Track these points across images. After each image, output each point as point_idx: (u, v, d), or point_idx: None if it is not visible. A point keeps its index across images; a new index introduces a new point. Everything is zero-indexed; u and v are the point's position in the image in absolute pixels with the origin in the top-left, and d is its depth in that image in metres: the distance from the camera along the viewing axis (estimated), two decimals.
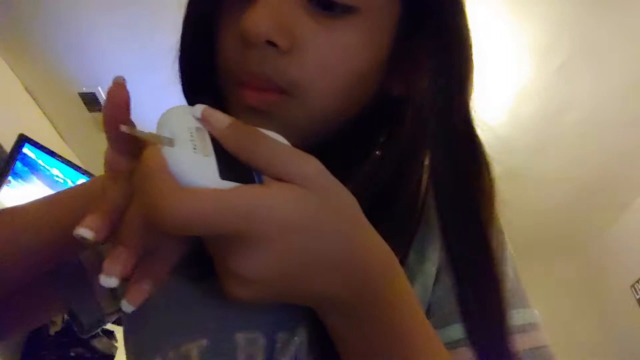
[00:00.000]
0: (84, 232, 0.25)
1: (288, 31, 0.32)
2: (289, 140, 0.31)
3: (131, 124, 0.29)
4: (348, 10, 0.34)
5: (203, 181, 0.24)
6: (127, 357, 0.43)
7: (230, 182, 0.25)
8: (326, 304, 0.28)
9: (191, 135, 0.26)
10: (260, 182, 0.26)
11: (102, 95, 1.96)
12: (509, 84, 1.87)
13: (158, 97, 2.14)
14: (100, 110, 2.03)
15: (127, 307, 0.26)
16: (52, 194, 0.41)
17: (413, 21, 0.37)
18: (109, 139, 0.30)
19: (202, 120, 0.27)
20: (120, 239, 0.25)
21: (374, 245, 0.29)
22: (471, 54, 0.38)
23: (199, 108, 0.27)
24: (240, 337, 0.36)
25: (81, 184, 0.41)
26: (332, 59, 0.34)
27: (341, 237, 0.26)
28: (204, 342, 0.36)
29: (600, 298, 2.86)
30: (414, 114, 0.38)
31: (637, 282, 2.56)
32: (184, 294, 0.38)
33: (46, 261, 0.39)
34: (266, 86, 0.34)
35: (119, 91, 0.29)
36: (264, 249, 0.24)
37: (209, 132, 0.27)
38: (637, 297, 2.57)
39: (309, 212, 0.25)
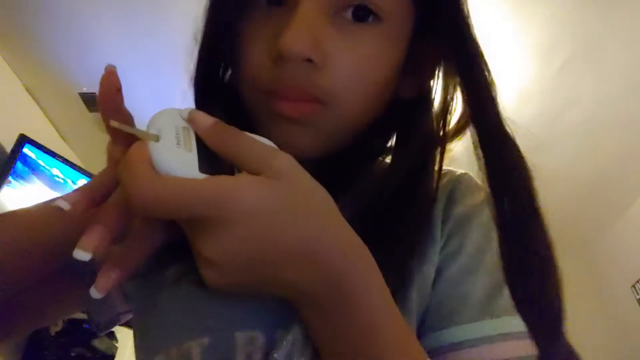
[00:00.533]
0: (61, 202, 0.28)
1: (321, 47, 0.35)
2: (320, 147, 0.37)
3: (125, 114, 0.32)
4: (372, 19, 0.36)
5: (181, 173, 0.26)
6: (136, 354, 0.44)
7: (208, 175, 0.27)
8: (298, 296, 0.29)
9: (177, 133, 0.28)
10: None
11: None
12: (510, 85, 1.87)
13: (158, 97, 2.15)
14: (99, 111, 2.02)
15: (94, 293, 0.28)
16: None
17: (423, 24, 0.39)
18: (107, 129, 0.32)
19: (188, 119, 0.30)
20: (98, 218, 0.28)
21: (344, 238, 0.29)
22: (481, 52, 0.39)
23: (187, 109, 0.30)
24: (240, 336, 0.36)
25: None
26: (360, 69, 0.36)
27: (307, 227, 0.27)
28: (205, 340, 0.37)
29: (601, 298, 2.86)
30: (425, 116, 0.40)
31: (638, 282, 2.56)
32: (189, 296, 0.40)
33: (47, 260, 0.39)
34: (301, 97, 0.36)
35: (110, 79, 0.31)
36: (227, 232, 0.26)
37: (195, 131, 0.29)
38: (638, 297, 2.57)
39: (274, 200, 0.26)
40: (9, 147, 1.62)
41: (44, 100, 2.05)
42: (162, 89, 1.93)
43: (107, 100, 0.32)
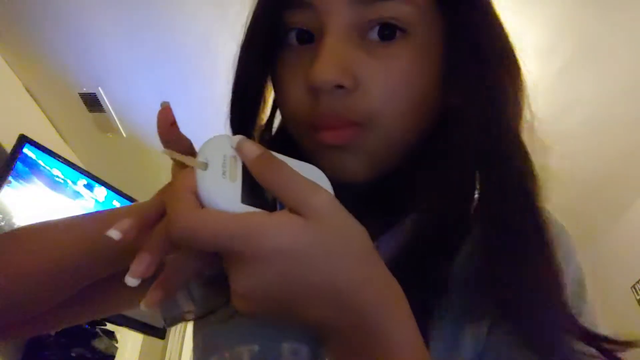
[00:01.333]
0: (112, 233, 0.29)
1: (351, 72, 0.36)
2: (371, 170, 0.37)
3: (183, 141, 0.34)
4: (398, 36, 0.37)
5: (223, 203, 0.27)
6: (193, 351, 0.47)
7: (250, 207, 0.28)
8: (324, 333, 0.29)
9: (224, 162, 0.29)
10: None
11: (103, 95, 1.96)
12: None
13: (158, 97, 2.14)
14: (100, 111, 2.03)
15: (143, 307, 0.30)
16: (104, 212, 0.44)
17: (454, 28, 0.39)
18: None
19: (236, 148, 0.30)
20: (146, 246, 0.29)
21: (377, 280, 0.29)
22: (498, 72, 0.39)
23: (237, 138, 0.30)
24: (286, 347, 0.39)
25: (116, 209, 0.45)
26: (394, 86, 0.36)
27: (338, 269, 0.27)
28: (255, 347, 0.40)
29: (601, 298, 2.85)
30: (459, 126, 0.39)
31: (638, 282, 2.56)
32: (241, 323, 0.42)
33: (91, 273, 0.41)
34: (340, 124, 0.37)
35: (165, 114, 0.34)
36: (256, 269, 0.26)
37: (242, 161, 0.30)
38: (638, 297, 2.57)
39: (304, 241, 0.27)
40: (9, 147, 1.62)
41: (44, 100, 2.05)
42: (163, 88, 1.93)
43: (164, 134, 0.34)
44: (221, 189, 0.28)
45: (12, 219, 1.56)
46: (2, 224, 1.53)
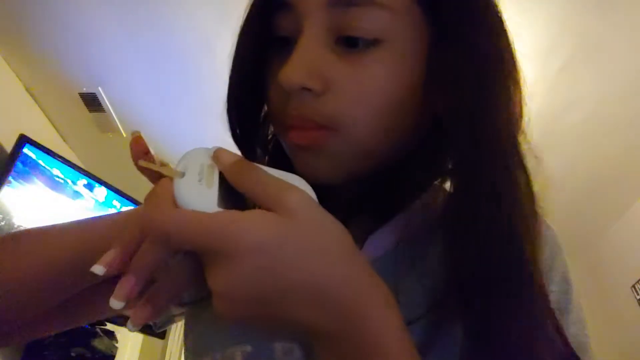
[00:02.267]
0: (96, 268, 0.29)
1: (319, 75, 0.36)
2: (339, 172, 0.38)
3: (150, 158, 0.34)
4: (372, 43, 0.36)
5: (200, 207, 0.28)
6: (185, 354, 0.47)
7: (226, 210, 0.28)
8: (309, 334, 0.29)
9: (200, 170, 0.30)
10: None
11: (103, 95, 1.96)
12: None
13: (158, 97, 2.15)
14: (100, 111, 2.02)
15: (131, 327, 0.30)
16: (90, 219, 0.44)
17: (445, 40, 0.38)
18: (138, 169, 0.35)
19: (213, 157, 0.31)
20: (131, 269, 0.29)
21: (357, 275, 0.29)
22: (493, 74, 0.37)
23: (214, 148, 0.32)
24: (279, 347, 0.38)
25: (118, 214, 0.44)
26: (362, 91, 0.36)
27: (315, 265, 0.27)
28: (248, 347, 0.39)
29: (601, 298, 2.86)
30: (453, 132, 0.37)
31: (638, 282, 2.56)
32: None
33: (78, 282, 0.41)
34: (307, 125, 0.37)
35: (138, 146, 0.34)
36: (231, 266, 0.26)
37: (219, 168, 0.31)
38: (638, 297, 2.57)
39: (279, 237, 0.27)
40: (9, 147, 1.62)
41: (44, 100, 2.05)
42: (162, 87, 1.93)
43: (136, 156, 0.34)
44: (197, 194, 0.29)
45: (12, 219, 1.56)
46: (2, 224, 1.53)
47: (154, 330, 0.54)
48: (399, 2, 0.36)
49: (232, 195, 0.30)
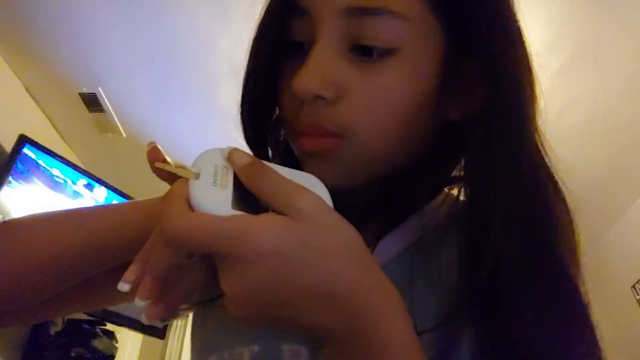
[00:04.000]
0: (121, 286, 0.30)
1: (333, 83, 0.36)
2: (349, 179, 0.38)
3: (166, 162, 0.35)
4: (386, 53, 0.36)
5: (214, 209, 0.28)
6: (192, 351, 0.47)
7: (240, 212, 0.29)
8: (319, 335, 0.29)
9: (215, 172, 0.30)
10: None
11: (102, 95, 1.96)
12: None
13: (158, 97, 2.15)
14: (100, 111, 2.02)
15: (144, 320, 0.31)
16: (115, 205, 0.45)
17: (460, 48, 0.38)
18: (154, 171, 0.35)
19: (227, 158, 0.31)
20: (148, 271, 0.30)
21: (368, 279, 0.29)
22: (521, 81, 0.38)
23: (228, 149, 0.31)
24: (286, 348, 0.39)
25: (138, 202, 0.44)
26: (375, 101, 0.36)
27: (326, 268, 0.27)
28: (255, 347, 0.40)
29: (601, 298, 2.85)
30: (473, 139, 0.38)
31: (638, 282, 2.56)
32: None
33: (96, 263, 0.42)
34: (319, 133, 0.37)
35: (154, 154, 0.35)
36: (243, 270, 0.27)
37: (234, 170, 0.31)
38: (638, 297, 2.57)
39: (291, 241, 0.27)
40: (9, 147, 1.61)
41: (44, 100, 2.05)
42: (163, 88, 1.93)
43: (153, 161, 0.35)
44: (212, 196, 0.29)
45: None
46: None
47: (159, 324, 0.54)
48: (414, 11, 0.36)
49: (246, 196, 0.30)
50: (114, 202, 1.91)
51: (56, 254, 0.40)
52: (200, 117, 1.99)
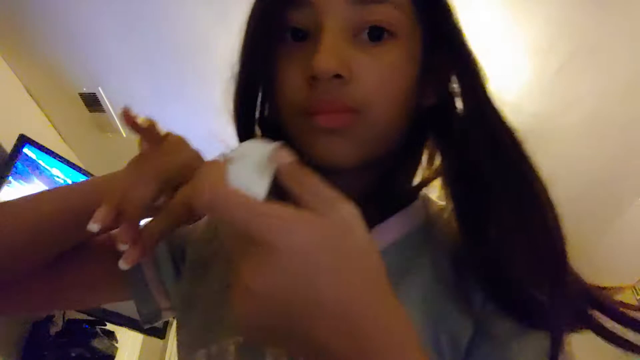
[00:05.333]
0: (92, 226, 0.37)
1: (347, 64, 0.39)
2: (358, 154, 0.41)
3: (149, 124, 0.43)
4: (390, 36, 0.41)
5: (254, 193, 0.28)
6: (178, 348, 0.50)
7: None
8: (319, 352, 0.27)
9: (255, 161, 0.31)
10: None
11: (103, 95, 1.96)
12: (509, 85, 1.87)
13: (158, 97, 2.15)
14: (100, 111, 2.02)
15: (122, 265, 0.37)
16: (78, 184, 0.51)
17: (432, 39, 0.45)
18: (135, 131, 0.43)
19: (272, 152, 0.31)
20: (128, 215, 0.37)
21: (383, 305, 0.28)
22: (478, 61, 0.44)
23: (274, 144, 0.32)
24: None
25: (94, 179, 0.49)
26: (384, 78, 0.41)
27: (348, 284, 0.26)
28: (241, 338, 0.42)
29: None
30: (452, 119, 0.45)
31: (638, 282, 2.56)
32: (222, 298, 0.46)
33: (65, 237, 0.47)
34: (337, 109, 0.40)
35: (128, 116, 0.42)
36: (272, 260, 0.25)
37: (273, 166, 0.31)
38: (638, 297, 2.57)
39: (325, 243, 0.26)
40: (9, 147, 1.62)
41: (44, 100, 2.05)
42: (163, 88, 1.93)
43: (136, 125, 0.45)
44: (250, 181, 0.29)
45: None
46: None
47: (142, 324, 0.56)
48: (406, 6, 0.42)
49: (278, 190, 0.30)
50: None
51: (36, 222, 0.45)
52: (200, 116, 1.99)
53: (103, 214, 0.37)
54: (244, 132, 0.48)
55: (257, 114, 0.48)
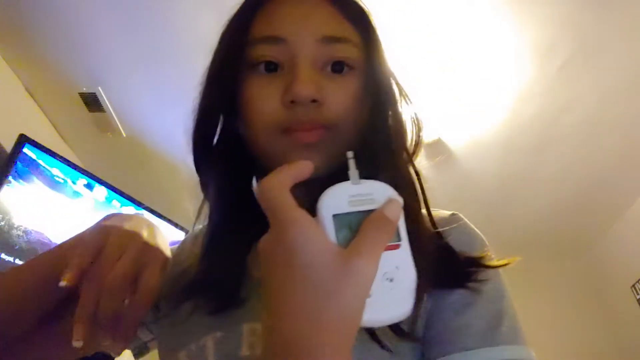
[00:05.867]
0: (62, 283, 0.42)
1: (320, 91, 0.48)
2: (329, 164, 0.47)
3: None
4: (349, 69, 0.51)
5: (326, 209, 0.34)
6: (159, 351, 0.55)
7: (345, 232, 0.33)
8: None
9: (364, 195, 0.34)
10: None
11: (103, 95, 1.97)
12: (509, 85, 1.87)
13: (158, 97, 2.15)
14: (100, 111, 2.02)
15: (75, 344, 0.41)
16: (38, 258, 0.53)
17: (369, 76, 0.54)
18: None
19: (387, 203, 0.34)
20: (78, 318, 0.41)
21: (325, 337, 0.31)
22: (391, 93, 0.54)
23: (395, 194, 0.35)
24: (246, 327, 0.47)
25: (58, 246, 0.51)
26: (348, 101, 0.50)
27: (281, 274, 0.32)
28: (218, 333, 0.48)
29: (601, 298, 2.86)
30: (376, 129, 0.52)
31: (638, 282, 2.56)
32: (201, 321, 0.50)
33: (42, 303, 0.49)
34: (314, 127, 0.48)
35: None
36: (271, 238, 0.33)
37: (363, 213, 0.34)
38: (638, 297, 2.57)
39: (278, 249, 0.32)
40: (9, 147, 1.62)
41: (44, 100, 2.05)
42: (163, 88, 1.93)
43: None
44: (337, 200, 0.34)
45: (12, 219, 1.56)
46: (2, 223, 1.53)
47: (134, 355, 0.60)
48: (361, 46, 0.52)
49: (352, 227, 0.33)
50: (114, 202, 1.91)
51: (16, 294, 0.48)
52: None
53: (82, 332, 0.41)
54: (203, 155, 0.54)
55: (214, 139, 0.55)
